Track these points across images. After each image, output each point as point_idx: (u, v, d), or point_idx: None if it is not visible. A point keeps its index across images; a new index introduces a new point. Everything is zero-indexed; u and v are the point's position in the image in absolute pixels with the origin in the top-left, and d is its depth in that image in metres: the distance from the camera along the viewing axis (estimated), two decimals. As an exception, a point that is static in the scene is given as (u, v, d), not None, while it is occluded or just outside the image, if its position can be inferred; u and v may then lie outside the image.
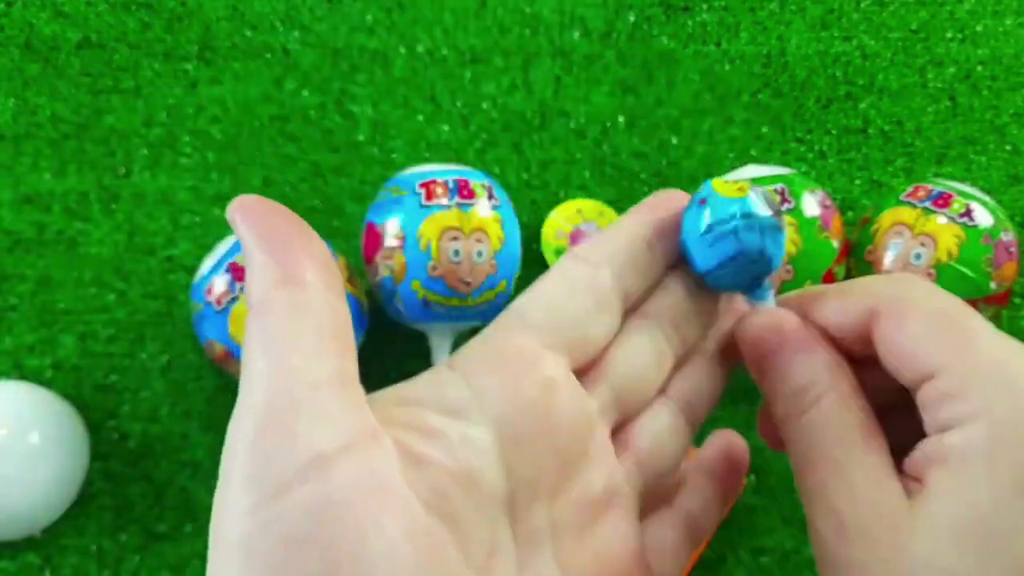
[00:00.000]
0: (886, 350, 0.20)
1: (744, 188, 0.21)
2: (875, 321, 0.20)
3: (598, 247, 0.22)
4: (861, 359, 0.21)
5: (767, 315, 0.22)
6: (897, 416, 0.21)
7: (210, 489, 0.28)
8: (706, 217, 0.21)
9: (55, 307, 0.51)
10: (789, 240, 0.44)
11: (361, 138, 0.55)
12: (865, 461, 0.19)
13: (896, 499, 0.18)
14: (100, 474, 0.48)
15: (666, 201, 0.23)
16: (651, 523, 0.23)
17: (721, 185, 0.21)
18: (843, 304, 0.21)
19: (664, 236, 0.22)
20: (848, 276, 0.48)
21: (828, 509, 0.19)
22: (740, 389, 0.42)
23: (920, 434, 0.19)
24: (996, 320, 0.51)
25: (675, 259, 0.23)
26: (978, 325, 0.19)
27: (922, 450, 0.18)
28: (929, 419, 0.19)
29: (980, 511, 0.17)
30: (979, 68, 0.57)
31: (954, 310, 0.19)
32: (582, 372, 0.22)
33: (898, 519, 0.18)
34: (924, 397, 0.19)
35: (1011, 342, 0.19)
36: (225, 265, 0.44)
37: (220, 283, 0.44)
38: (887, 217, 0.47)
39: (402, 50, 0.57)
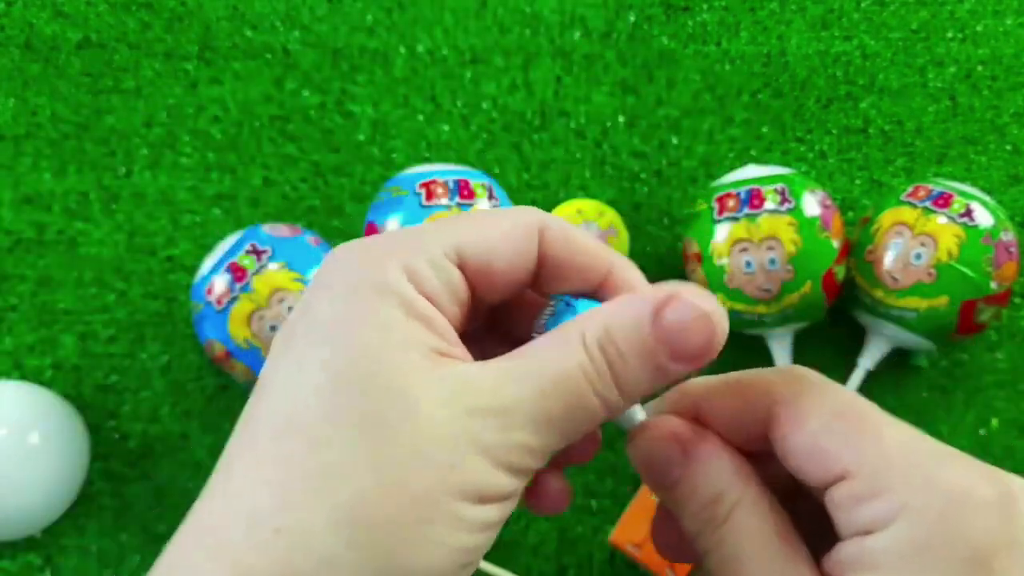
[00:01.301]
0: (788, 452, 0.19)
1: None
2: (774, 423, 0.19)
3: None
4: (754, 454, 0.21)
5: (659, 427, 0.21)
6: (798, 501, 0.20)
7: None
8: None
9: (55, 307, 0.51)
10: (789, 240, 0.44)
11: (361, 138, 0.55)
12: (789, 571, 0.18)
13: None
14: (100, 474, 0.48)
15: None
16: None
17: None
18: (737, 406, 0.20)
19: None
20: (848, 276, 0.48)
21: None
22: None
23: (823, 518, 0.19)
24: (996, 319, 0.51)
25: None
26: (880, 419, 0.19)
27: (843, 553, 0.18)
28: (844, 520, 0.18)
29: None
30: (979, 68, 0.57)
31: (854, 405, 0.19)
32: None
33: None
34: (836, 498, 0.18)
35: (913, 432, 0.19)
36: (225, 265, 0.44)
37: (220, 283, 0.44)
38: (887, 217, 0.47)
39: (402, 50, 0.57)
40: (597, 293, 0.21)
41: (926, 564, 0.16)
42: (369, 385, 0.17)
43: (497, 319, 0.23)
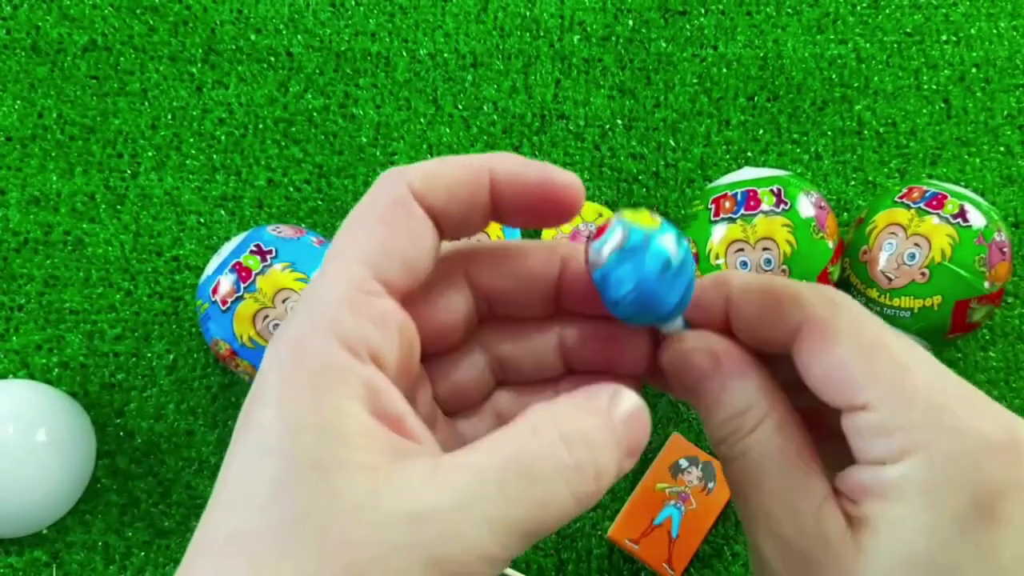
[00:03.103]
0: (811, 372, 0.19)
1: (656, 219, 0.20)
2: (800, 339, 0.19)
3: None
4: (775, 356, 0.21)
5: (696, 339, 0.21)
6: (817, 414, 0.20)
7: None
8: (609, 246, 0.20)
9: (62, 306, 0.52)
10: (785, 241, 0.45)
11: (364, 140, 0.56)
12: (807, 488, 0.19)
13: (840, 528, 0.18)
14: (106, 471, 0.49)
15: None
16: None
17: (631, 214, 0.20)
18: (767, 310, 0.20)
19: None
20: (843, 276, 0.49)
21: (772, 535, 0.19)
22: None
23: (839, 435, 0.19)
24: (989, 319, 0.52)
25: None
26: (911, 355, 0.18)
27: (858, 478, 0.18)
28: (861, 448, 0.18)
29: (921, 550, 0.17)
30: (973, 70, 0.58)
31: (882, 336, 0.19)
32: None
33: (842, 549, 0.18)
34: (855, 426, 0.18)
35: (938, 369, 0.18)
36: (231, 265, 0.45)
37: (226, 283, 0.44)
38: (882, 218, 0.47)
39: (404, 54, 0.58)
40: (495, 207, 0.20)
41: (933, 501, 0.17)
42: (309, 499, 0.16)
43: (500, 370, 0.23)
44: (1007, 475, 0.17)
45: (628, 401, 0.18)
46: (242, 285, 0.44)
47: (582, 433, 0.17)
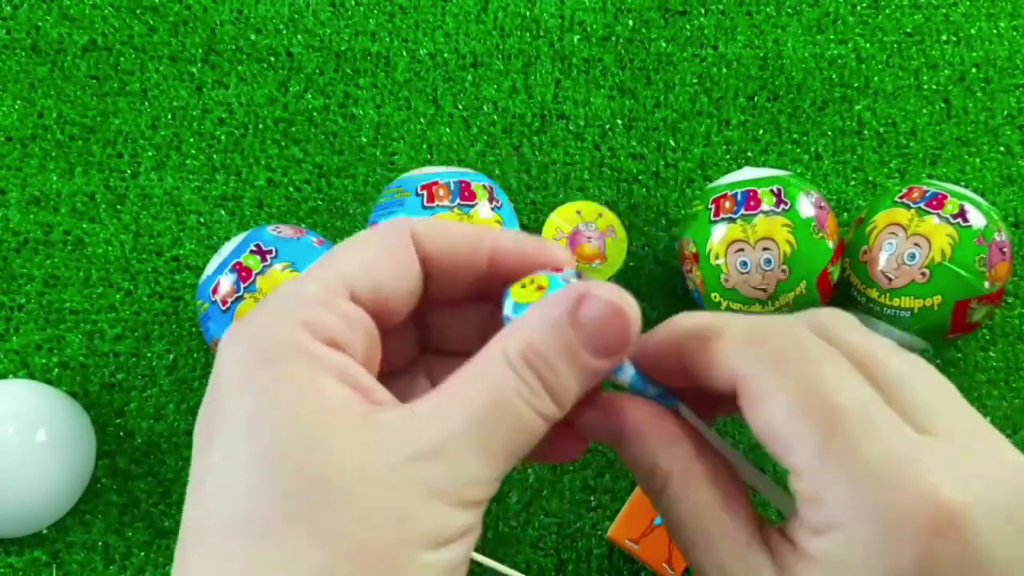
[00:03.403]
0: (752, 428, 0.19)
1: (543, 286, 0.20)
2: (740, 399, 0.19)
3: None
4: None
5: (596, 407, 0.21)
6: None
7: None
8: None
9: (62, 306, 0.52)
10: (785, 241, 0.45)
11: (364, 140, 0.56)
12: (727, 536, 0.19)
13: (766, 569, 0.18)
14: (106, 471, 0.49)
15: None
16: None
17: (518, 291, 0.20)
18: (714, 369, 0.20)
19: None
20: (843, 276, 0.49)
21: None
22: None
23: None
24: (989, 319, 0.52)
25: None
26: (844, 411, 0.18)
27: (793, 533, 0.18)
28: (799, 510, 0.18)
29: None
30: (973, 70, 0.58)
31: (821, 392, 0.18)
32: None
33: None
34: (792, 484, 0.18)
35: (880, 429, 0.17)
36: (231, 265, 0.45)
37: (226, 283, 0.44)
38: (882, 218, 0.47)
39: (404, 54, 0.58)
40: (490, 271, 0.21)
41: None
42: (299, 466, 0.17)
43: (430, 340, 0.23)
44: (929, 557, 0.16)
45: (594, 305, 0.18)
46: (242, 285, 0.44)
47: (527, 350, 0.18)
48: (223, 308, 0.44)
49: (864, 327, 0.21)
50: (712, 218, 0.47)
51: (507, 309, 0.20)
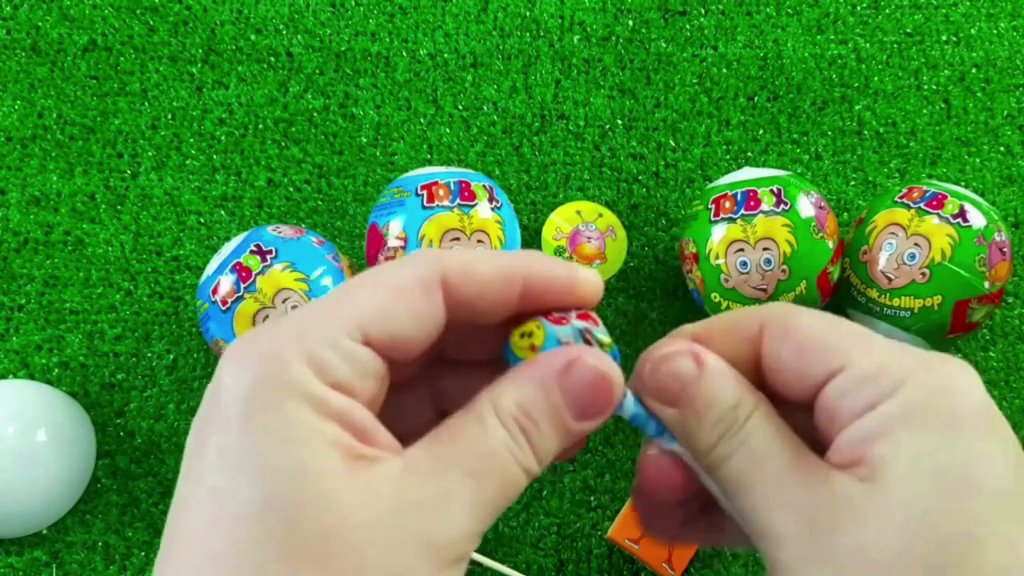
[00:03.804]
0: (784, 362, 0.20)
1: (535, 345, 0.21)
2: (765, 337, 0.21)
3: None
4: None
5: (674, 345, 0.21)
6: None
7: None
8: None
9: (62, 306, 0.52)
10: (785, 241, 0.45)
11: (364, 140, 0.56)
12: (812, 460, 0.19)
13: (853, 483, 0.18)
14: (107, 471, 0.49)
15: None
16: None
17: (516, 340, 0.21)
18: (732, 334, 0.21)
19: None
20: (843, 276, 0.49)
21: (789, 507, 0.19)
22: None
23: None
24: (989, 319, 0.52)
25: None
26: (867, 330, 0.20)
27: (856, 433, 0.19)
28: (848, 408, 0.19)
29: (939, 461, 0.18)
30: (973, 71, 0.58)
31: (840, 319, 0.20)
32: None
33: (863, 496, 0.18)
34: (836, 390, 0.19)
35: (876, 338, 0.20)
36: (231, 265, 0.45)
37: (226, 283, 0.44)
38: (882, 218, 0.47)
39: (404, 54, 0.58)
40: (519, 304, 0.21)
41: (926, 424, 0.18)
42: (292, 513, 0.16)
43: (445, 350, 0.23)
44: (981, 406, 0.19)
45: (581, 370, 0.19)
46: (242, 285, 0.44)
47: (517, 408, 0.19)
48: (223, 308, 0.44)
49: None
50: (712, 218, 0.47)
51: (509, 357, 0.21)
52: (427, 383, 0.23)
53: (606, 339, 0.21)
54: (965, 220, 0.45)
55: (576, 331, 0.21)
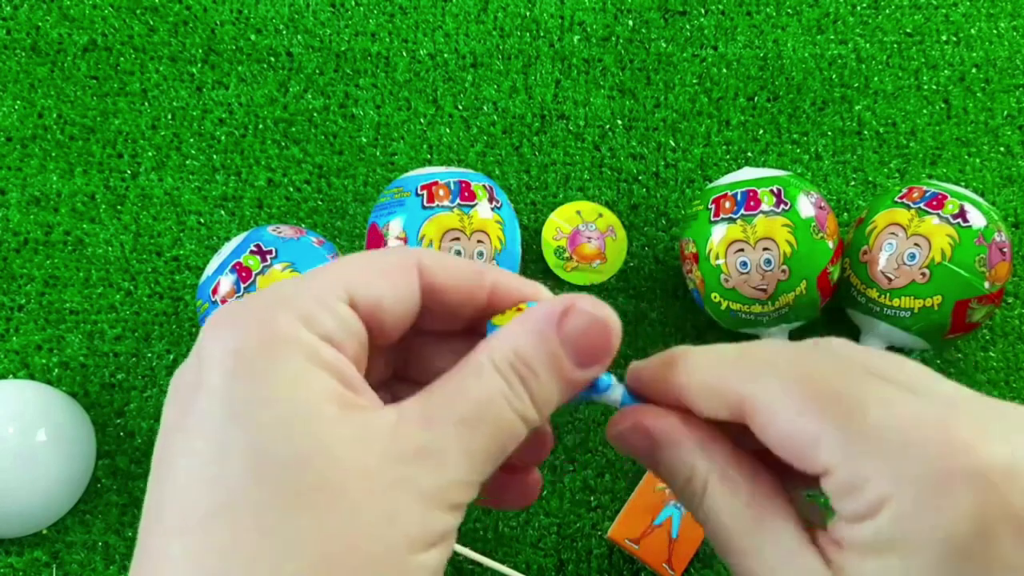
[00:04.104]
0: (769, 445, 0.19)
1: (521, 309, 0.21)
2: (747, 416, 0.19)
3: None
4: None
5: (628, 417, 0.21)
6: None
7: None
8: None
9: (62, 307, 0.52)
10: (785, 241, 0.45)
11: (364, 141, 0.56)
12: (774, 538, 0.19)
13: (818, 570, 0.18)
14: (106, 471, 0.49)
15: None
16: None
17: (499, 319, 0.21)
18: (713, 399, 0.20)
19: None
20: (843, 276, 0.49)
21: None
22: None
23: None
24: (989, 319, 0.52)
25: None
26: (861, 388, 0.18)
27: (837, 533, 0.18)
28: (839, 507, 0.18)
29: None
30: (973, 71, 0.58)
31: (827, 382, 0.18)
32: None
33: None
34: (825, 488, 0.18)
35: (898, 395, 0.18)
36: (231, 265, 0.45)
37: (226, 283, 0.44)
38: (882, 218, 0.47)
39: (404, 54, 0.58)
40: (487, 308, 0.22)
41: (907, 558, 0.16)
42: (288, 458, 0.16)
43: (400, 368, 0.23)
44: (972, 520, 0.16)
45: (579, 317, 0.19)
46: (242, 285, 0.44)
47: (514, 356, 0.19)
48: (223, 308, 0.44)
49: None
50: (712, 218, 0.47)
51: (490, 334, 0.20)
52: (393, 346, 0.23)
53: None
54: (965, 220, 0.45)
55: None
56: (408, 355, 0.23)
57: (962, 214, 0.45)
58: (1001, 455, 0.16)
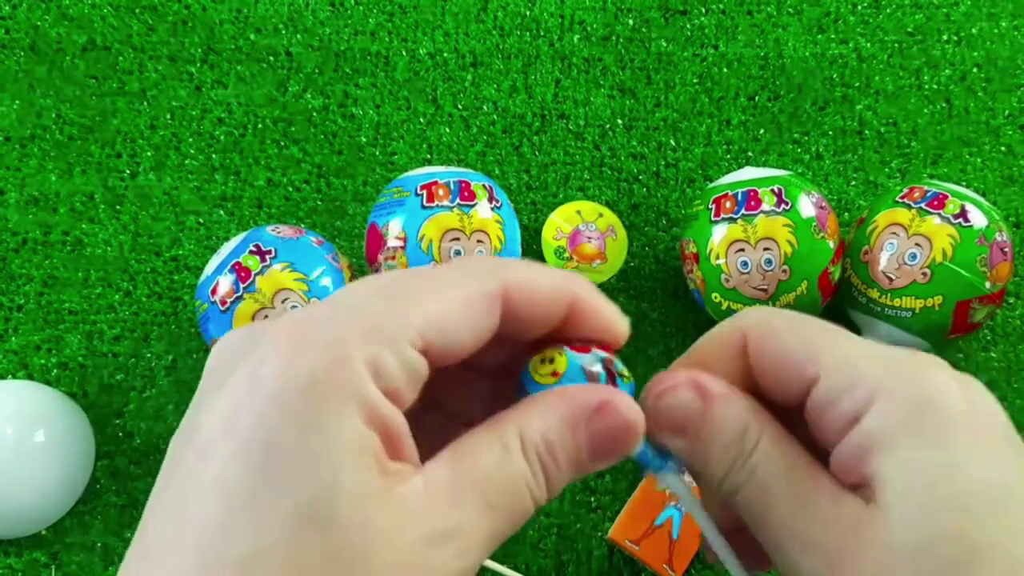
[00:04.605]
0: (765, 368, 0.21)
1: (558, 372, 0.20)
2: (748, 349, 0.21)
3: None
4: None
5: (676, 376, 0.21)
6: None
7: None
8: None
9: (61, 307, 0.52)
10: (785, 241, 0.45)
11: (363, 140, 0.56)
12: (820, 486, 0.19)
13: (859, 507, 0.18)
14: (106, 472, 0.49)
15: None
16: None
17: (536, 364, 0.21)
18: (722, 353, 0.21)
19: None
20: (844, 276, 0.49)
21: (805, 544, 0.19)
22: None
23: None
24: (991, 319, 0.52)
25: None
26: (842, 331, 0.21)
27: (846, 451, 0.19)
28: (833, 419, 0.19)
29: (933, 475, 0.18)
30: (974, 70, 0.58)
31: (813, 321, 0.21)
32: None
33: (869, 523, 0.18)
34: (818, 398, 0.19)
35: (870, 341, 0.21)
36: (230, 265, 0.45)
37: (225, 283, 0.44)
38: (883, 218, 0.47)
39: (404, 53, 0.58)
40: (554, 332, 0.21)
41: (910, 433, 0.18)
42: (328, 523, 0.16)
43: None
44: (960, 402, 0.18)
45: (612, 416, 0.19)
46: (241, 285, 0.44)
47: (543, 443, 0.19)
48: (222, 308, 0.44)
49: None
50: (713, 218, 0.47)
51: (525, 381, 0.20)
52: None
53: (626, 372, 0.21)
54: (966, 220, 0.45)
55: (599, 359, 0.20)
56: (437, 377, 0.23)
57: (963, 214, 0.45)
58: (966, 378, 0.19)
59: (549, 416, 0.19)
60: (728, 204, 0.46)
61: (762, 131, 0.57)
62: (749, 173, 0.48)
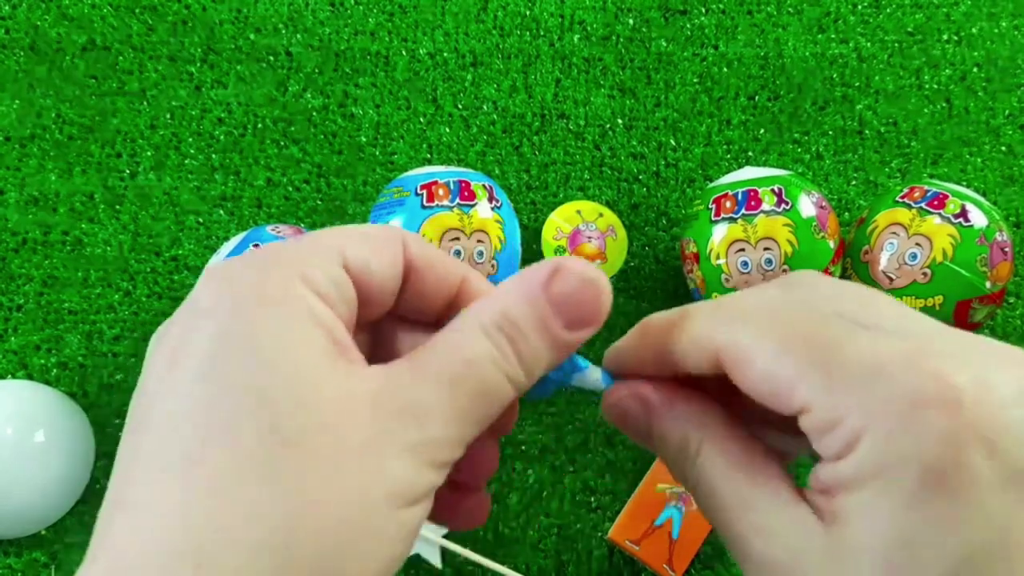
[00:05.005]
0: (749, 393, 0.19)
1: None
2: (725, 367, 0.19)
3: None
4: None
5: (620, 389, 0.22)
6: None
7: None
8: None
9: (61, 307, 0.52)
10: (786, 241, 0.45)
11: (363, 140, 0.56)
12: (768, 497, 0.19)
13: (812, 528, 0.18)
14: (105, 472, 0.49)
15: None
16: None
17: None
18: (692, 350, 0.20)
19: None
20: (844, 276, 0.49)
21: (748, 554, 0.19)
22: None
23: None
24: (991, 319, 0.52)
25: None
26: (831, 327, 0.18)
27: (821, 475, 0.18)
28: (817, 446, 0.18)
29: (889, 536, 0.17)
30: (974, 70, 0.58)
31: (802, 325, 0.18)
32: None
33: (820, 548, 0.17)
34: (804, 428, 0.18)
35: (879, 335, 0.18)
36: (230, 265, 0.45)
37: (225, 283, 0.44)
38: (883, 218, 0.47)
39: (404, 53, 0.58)
40: (457, 300, 0.22)
41: (887, 486, 0.17)
42: (282, 404, 0.17)
43: (371, 354, 0.23)
44: (946, 450, 0.16)
45: (567, 279, 0.19)
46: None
47: (502, 318, 0.19)
48: (222, 308, 0.44)
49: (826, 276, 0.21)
50: (713, 218, 0.46)
51: None
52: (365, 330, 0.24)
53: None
54: (967, 220, 0.45)
55: None
56: (381, 340, 0.23)
57: (963, 214, 0.45)
58: (969, 380, 0.16)
59: (504, 295, 0.19)
60: (728, 204, 0.46)
61: (762, 131, 0.57)
62: (749, 173, 0.48)
